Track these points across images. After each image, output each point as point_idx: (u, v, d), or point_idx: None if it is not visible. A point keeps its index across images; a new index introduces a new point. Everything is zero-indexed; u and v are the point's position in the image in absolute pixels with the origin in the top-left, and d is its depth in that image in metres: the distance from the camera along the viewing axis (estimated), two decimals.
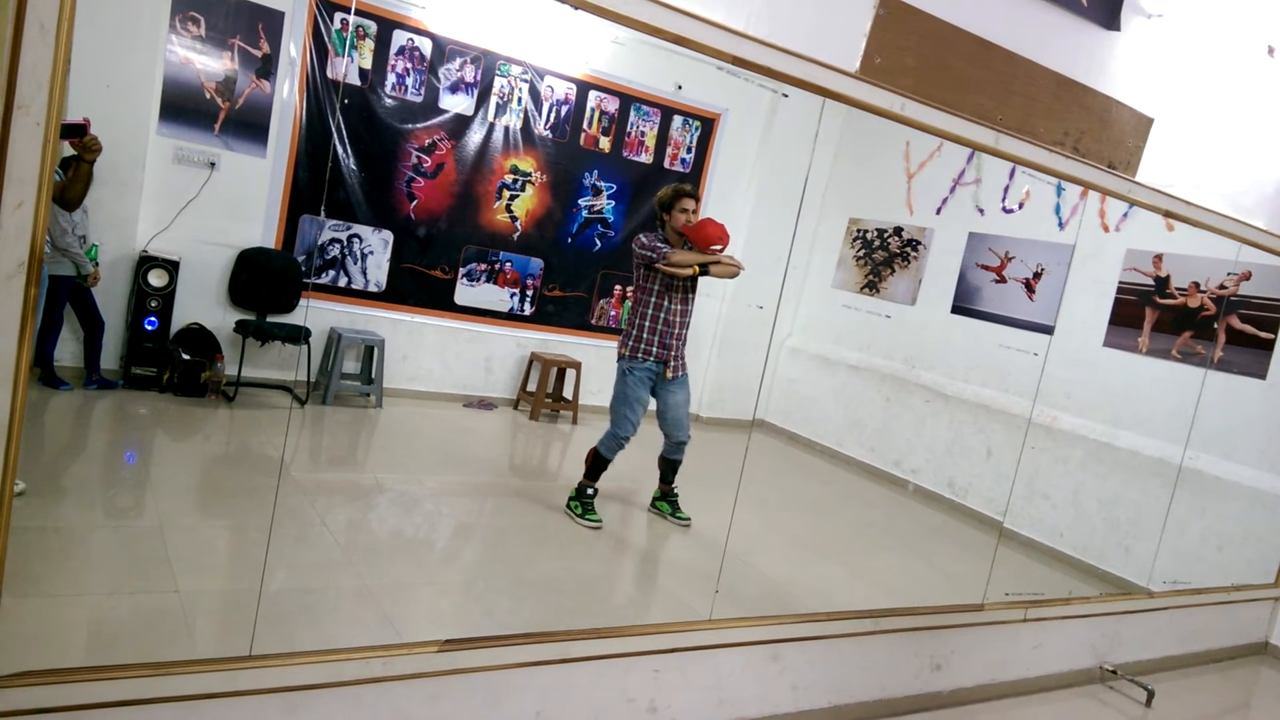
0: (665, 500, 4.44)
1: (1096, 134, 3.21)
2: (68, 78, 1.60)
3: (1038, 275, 5.60)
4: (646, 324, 4.13)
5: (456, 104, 5.77)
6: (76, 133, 2.90)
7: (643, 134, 6.46)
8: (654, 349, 4.12)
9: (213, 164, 5.12)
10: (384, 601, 3.05)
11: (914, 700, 3.29)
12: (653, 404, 4.28)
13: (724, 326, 6.83)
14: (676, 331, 4.14)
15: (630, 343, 4.16)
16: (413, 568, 3.50)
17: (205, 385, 4.96)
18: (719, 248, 4.08)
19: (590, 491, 4.20)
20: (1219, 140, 3.68)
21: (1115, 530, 4.93)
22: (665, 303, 4.11)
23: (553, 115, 6.10)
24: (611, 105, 6.28)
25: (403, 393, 5.87)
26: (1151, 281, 5.03)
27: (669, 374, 4.15)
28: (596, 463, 4.21)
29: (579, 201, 6.36)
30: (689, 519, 4.36)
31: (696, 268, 4.04)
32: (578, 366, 6.18)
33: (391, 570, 3.40)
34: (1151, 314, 5.01)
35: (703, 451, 4.43)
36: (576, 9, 2.06)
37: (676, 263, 4.02)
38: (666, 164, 6.59)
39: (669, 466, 4.40)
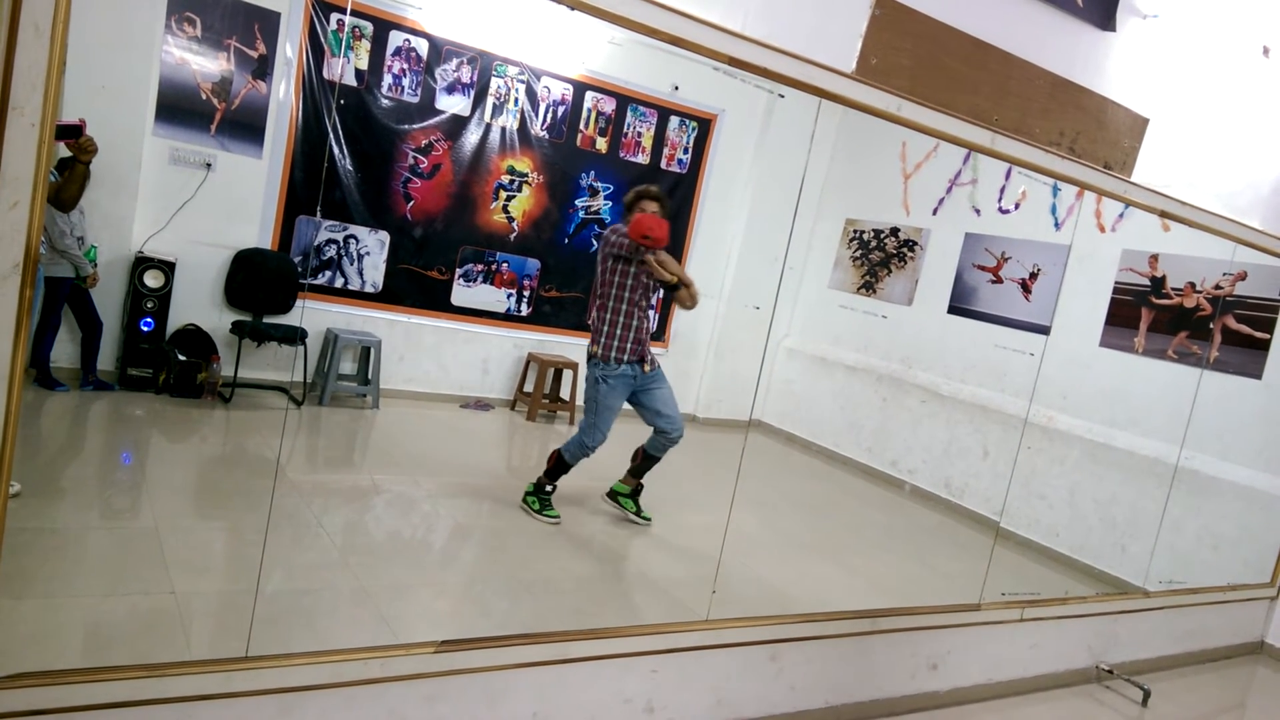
0: (632, 497, 4.30)
1: (1092, 134, 3.21)
2: (63, 78, 1.59)
3: (1034, 275, 5.61)
4: (620, 319, 4.02)
5: (453, 105, 5.77)
6: (72, 133, 2.90)
7: (639, 135, 6.46)
8: (628, 345, 4.02)
9: (209, 165, 5.12)
10: (381, 602, 3.04)
11: (911, 700, 3.29)
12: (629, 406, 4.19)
13: (721, 327, 6.83)
14: (646, 324, 4.08)
15: (604, 340, 4.02)
16: (410, 569, 3.49)
17: (201, 386, 4.96)
18: (649, 240, 3.86)
19: (549, 489, 4.14)
20: (1214, 141, 3.69)
21: (1111, 530, 4.94)
22: (637, 297, 4.03)
23: (549, 116, 6.10)
24: (608, 106, 6.28)
25: (399, 394, 5.87)
26: (1147, 282, 5.04)
27: (647, 368, 4.09)
28: (558, 466, 4.11)
29: (576, 202, 6.36)
30: (650, 519, 4.29)
31: (675, 279, 3.97)
32: (574, 367, 6.18)
33: (388, 571, 3.39)
34: (1147, 314, 5.02)
35: (699, 452, 4.42)
36: (573, 10, 2.06)
37: (664, 262, 3.94)
38: (663, 165, 6.59)
39: (648, 463, 4.25)
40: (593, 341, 4.08)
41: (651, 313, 4.15)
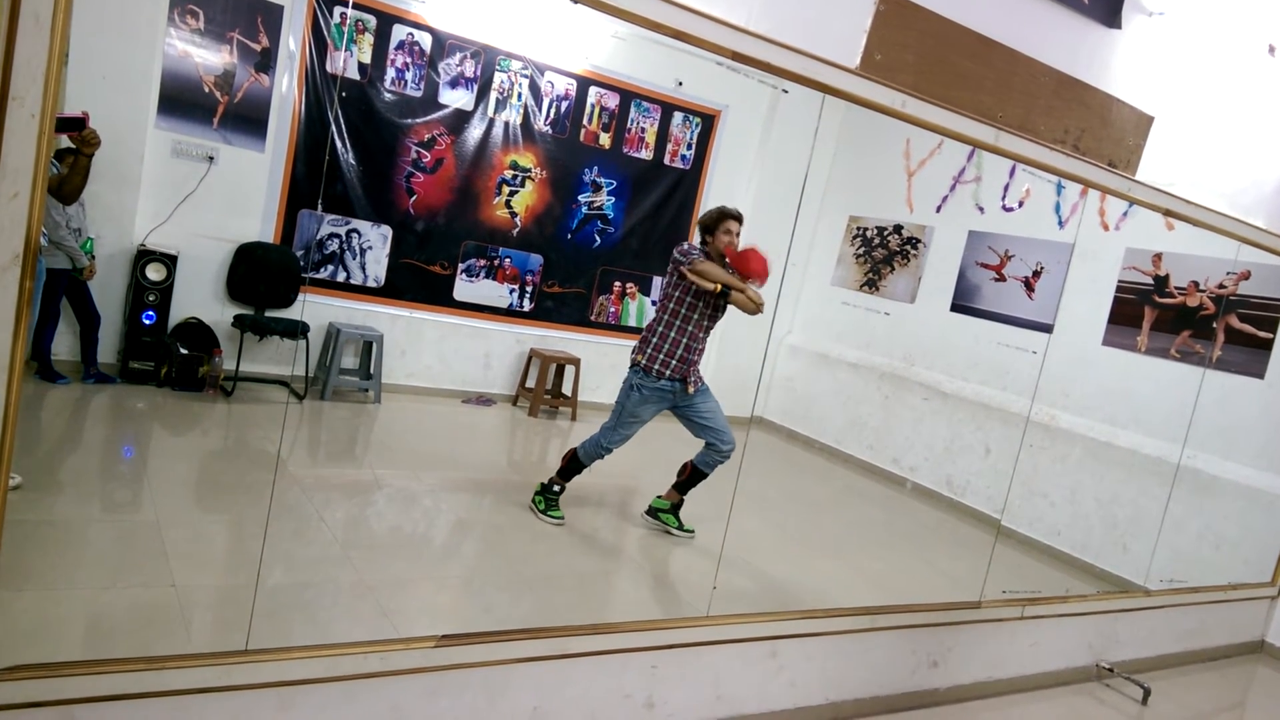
0: (672, 512, 4.20)
1: (1097, 132, 3.20)
2: (65, 70, 1.59)
3: (1037, 274, 5.60)
4: (671, 334, 3.91)
5: (456, 99, 5.76)
6: (75, 126, 2.89)
7: (643, 130, 6.45)
8: (672, 363, 3.91)
9: (211, 158, 5.11)
10: (381, 597, 3.04)
11: (911, 697, 3.29)
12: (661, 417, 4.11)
13: (723, 323, 6.80)
14: (699, 347, 3.96)
15: (649, 351, 3.92)
16: (410, 563, 3.50)
17: (203, 380, 4.96)
18: (757, 284, 3.85)
19: (557, 489, 4.07)
20: (1219, 139, 3.68)
21: (1113, 529, 4.93)
22: (694, 315, 3.90)
23: (553, 111, 6.09)
24: (612, 101, 6.27)
25: (401, 388, 5.87)
26: (1151, 280, 5.03)
27: (690, 389, 3.96)
28: (572, 466, 4.05)
29: (579, 198, 6.35)
30: (693, 531, 4.19)
31: (719, 286, 3.82)
32: (576, 363, 6.18)
33: (389, 566, 3.39)
34: (1150, 313, 5.01)
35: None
36: (577, 3, 2.05)
37: (702, 271, 3.81)
38: (666, 160, 6.58)
39: (695, 478, 4.13)
40: (638, 349, 3.99)
41: (707, 334, 4.00)
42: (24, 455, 3.45)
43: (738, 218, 3.94)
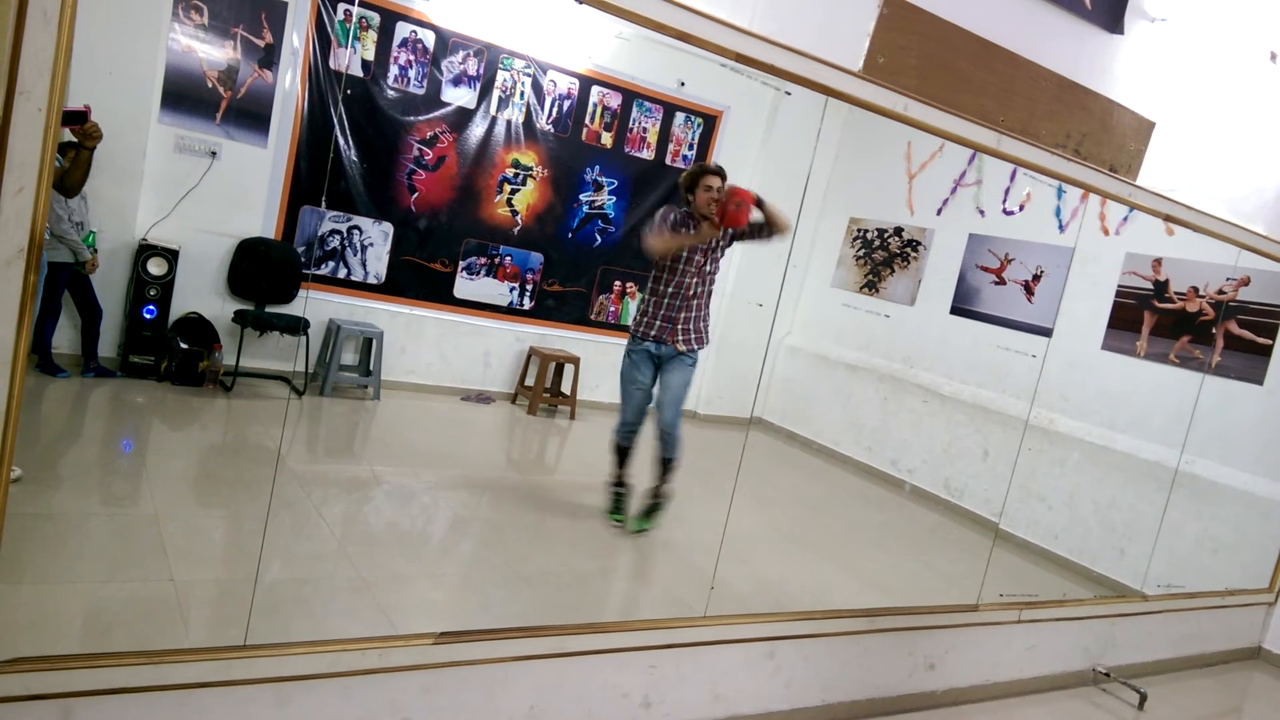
0: (645, 510, 4.10)
1: (1098, 137, 3.21)
2: (69, 64, 1.59)
3: (1037, 277, 5.60)
4: (654, 296, 3.90)
5: (459, 97, 5.76)
6: (77, 119, 2.89)
7: (645, 130, 6.45)
8: (656, 323, 3.91)
9: (214, 153, 5.11)
10: (380, 593, 3.05)
11: (907, 699, 3.29)
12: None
13: (723, 323, 6.82)
14: (684, 305, 3.87)
15: (636, 316, 3.96)
16: (409, 560, 3.50)
17: (203, 375, 4.96)
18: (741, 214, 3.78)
19: (618, 489, 4.06)
20: (1220, 145, 3.68)
21: (1110, 533, 4.94)
22: (675, 276, 3.84)
23: (555, 110, 6.09)
24: (614, 101, 6.27)
25: (401, 385, 5.87)
26: (1150, 285, 5.03)
27: (680, 347, 3.90)
28: (615, 453, 4.08)
29: (580, 197, 6.36)
30: (646, 528, 4.10)
31: (714, 235, 3.74)
32: (576, 361, 6.18)
33: (387, 562, 3.40)
34: (1150, 318, 5.02)
35: (700, 448, 4.42)
36: (581, 3, 2.05)
37: (662, 247, 3.80)
38: (668, 160, 6.58)
39: (659, 463, 4.08)
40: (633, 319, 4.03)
41: (701, 286, 3.91)
42: (24, 448, 3.45)
43: (716, 172, 3.86)
